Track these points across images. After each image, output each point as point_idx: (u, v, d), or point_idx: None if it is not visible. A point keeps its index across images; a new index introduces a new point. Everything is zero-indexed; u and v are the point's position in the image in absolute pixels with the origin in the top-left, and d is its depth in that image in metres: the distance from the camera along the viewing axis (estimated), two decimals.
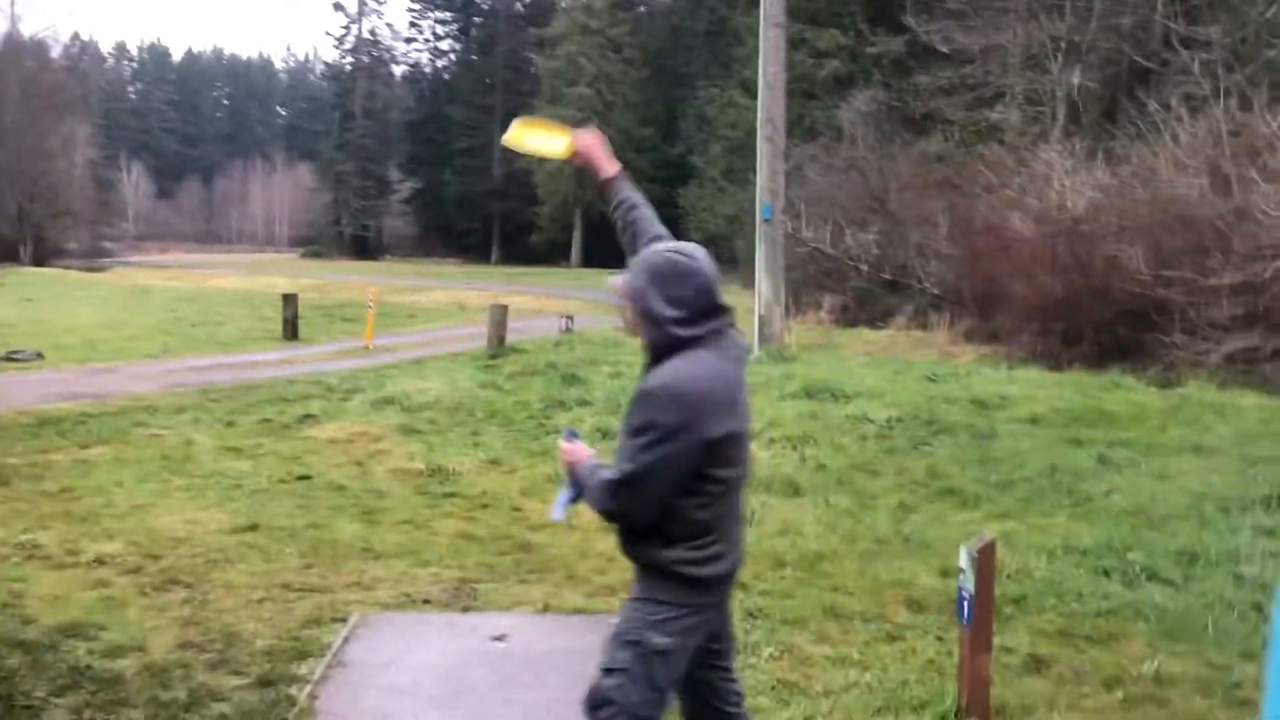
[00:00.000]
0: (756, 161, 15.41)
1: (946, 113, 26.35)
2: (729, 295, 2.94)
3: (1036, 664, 4.82)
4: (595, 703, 2.88)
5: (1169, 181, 15.79)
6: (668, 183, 55.78)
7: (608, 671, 2.87)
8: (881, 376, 12.21)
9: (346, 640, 4.93)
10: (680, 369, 2.77)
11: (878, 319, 22.57)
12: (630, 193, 3.21)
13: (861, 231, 22.96)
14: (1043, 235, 16.96)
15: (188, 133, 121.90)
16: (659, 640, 2.82)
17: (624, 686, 2.83)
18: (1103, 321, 15.61)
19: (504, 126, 3.35)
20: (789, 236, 20.50)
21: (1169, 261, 14.88)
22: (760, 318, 14.94)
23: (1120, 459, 8.33)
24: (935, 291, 21.24)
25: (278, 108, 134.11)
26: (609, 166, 3.23)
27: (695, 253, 2.87)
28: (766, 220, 14.89)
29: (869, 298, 23.59)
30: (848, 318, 23.25)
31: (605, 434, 9.82)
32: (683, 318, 2.79)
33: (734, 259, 42.30)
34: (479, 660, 4.74)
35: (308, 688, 4.40)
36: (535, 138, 3.34)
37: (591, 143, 3.26)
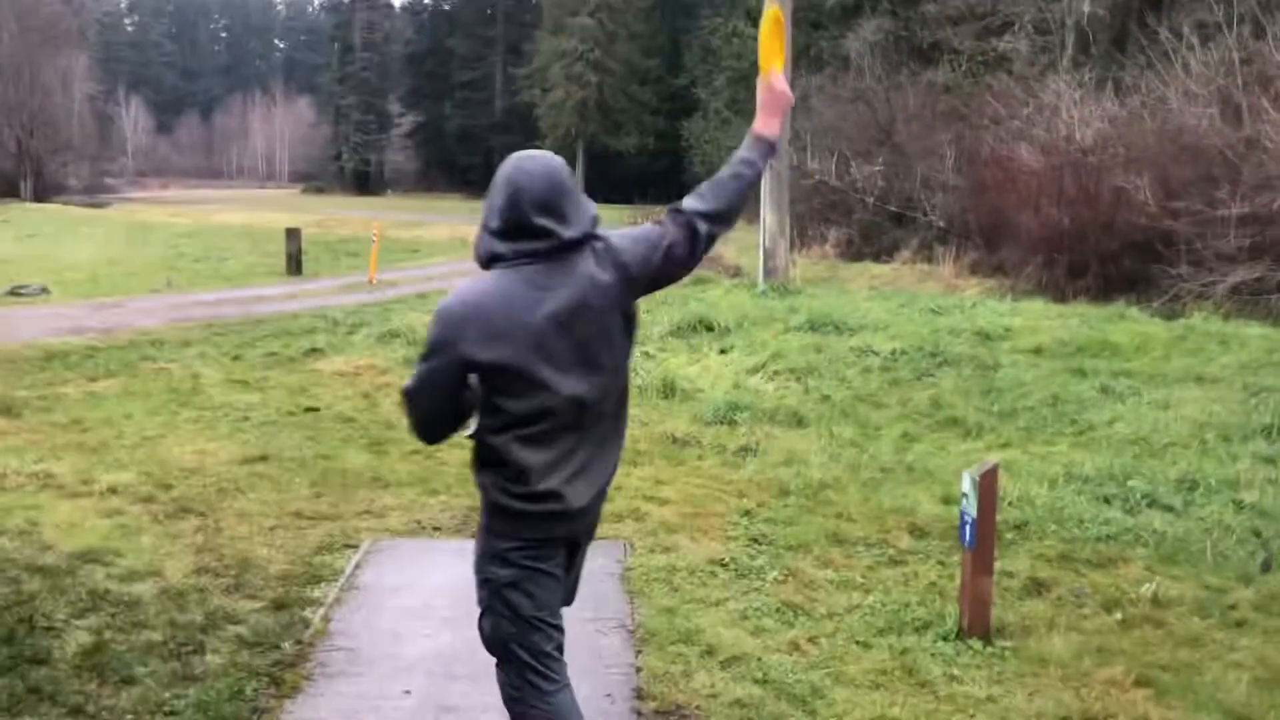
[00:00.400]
0: None
1: (954, 42, 25.98)
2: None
3: (1037, 587, 4.90)
4: (488, 648, 2.84)
5: (1178, 111, 15.63)
6: (672, 115, 55.37)
7: (480, 614, 2.81)
8: (886, 309, 12.21)
9: (359, 565, 5.02)
10: (465, 287, 2.64)
11: (883, 253, 22.49)
12: (748, 153, 2.82)
13: (867, 163, 22.80)
14: (1050, 167, 16.83)
15: (186, 66, 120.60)
16: (503, 573, 2.70)
17: (497, 624, 2.75)
18: (1108, 253, 15.56)
19: (505, 59, 3.24)
20: (794, 169, 20.36)
21: (1176, 193, 14.79)
22: (765, 251, 14.89)
23: (1123, 389, 8.36)
24: (941, 224, 21.14)
25: (276, 40, 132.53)
26: (768, 125, 2.87)
27: (527, 163, 2.62)
28: None
29: (874, 231, 23.48)
30: (853, 251, 23.18)
31: None
32: (495, 229, 2.61)
33: None
34: None
35: (322, 610, 4.49)
36: (771, 45, 3.01)
37: (782, 95, 2.92)
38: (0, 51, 55.89)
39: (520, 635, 2.73)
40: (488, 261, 2.64)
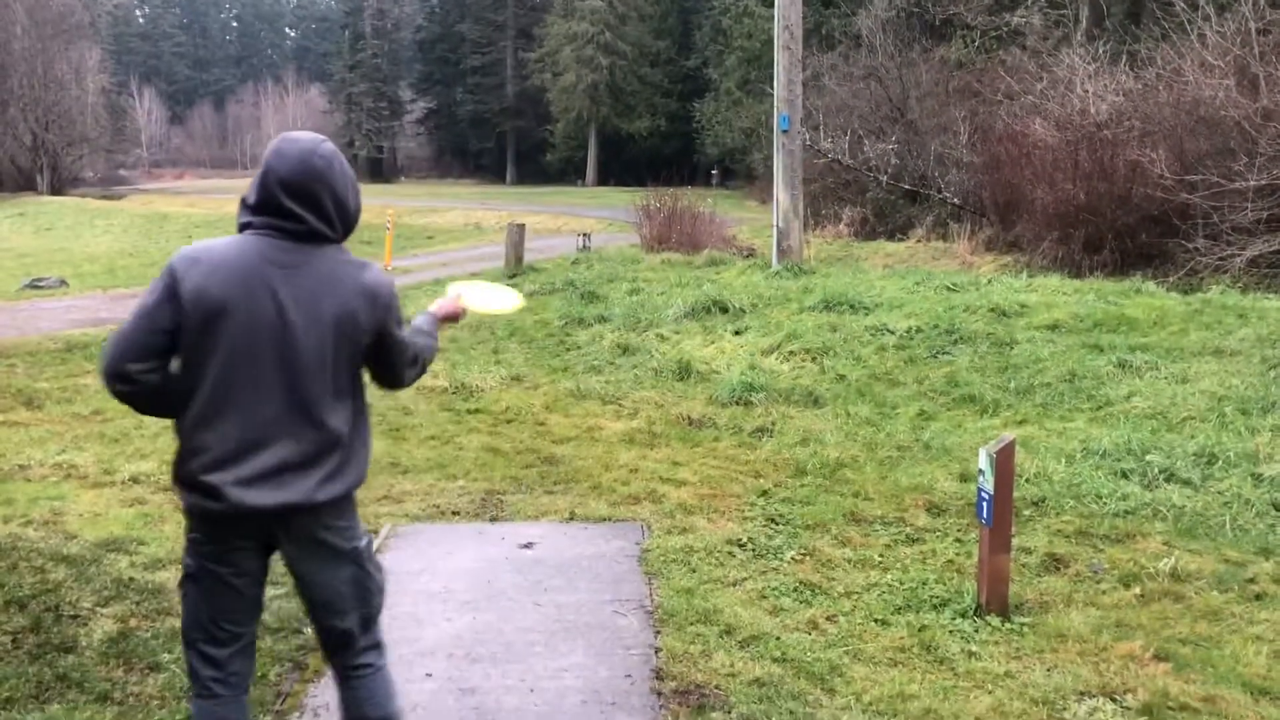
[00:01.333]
0: (773, 72, 15.16)
1: (967, 18, 25.75)
2: (743, 210, 2.89)
3: (1054, 563, 4.91)
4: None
5: (1194, 83, 15.44)
6: (683, 96, 55.20)
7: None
8: (901, 288, 12.17)
9: (378, 550, 5.05)
10: (208, 240, 2.65)
11: (897, 231, 22.37)
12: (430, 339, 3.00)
13: (880, 141, 22.65)
14: (1064, 141, 16.67)
15: (198, 56, 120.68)
16: (187, 560, 2.67)
17: (183, 607, 2.72)
18: (1124, 228, 15.42)
19: (516, 43, 3.32)
20: (807, 148, 20.27)
21: (1193, 165, 14.64)
22: (778, 231, 14.83)
23: (1140, 363, 8.32)
24: (955, 201, 21.01)
25: (287, 29, 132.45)
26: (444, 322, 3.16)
27: (284, 145, 2.65)
28: (784, 131, 14.69)
29: (888, 209, 23.36)
30: (867, 230, 23.06)
31: (625, 350, 9.89)
32: (248, 202, 2.65)
33: (750, 173, 41.99)
34: (508, 566, 4.86)
35: None
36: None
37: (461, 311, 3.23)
38: (13, 46, 56.14)
39: (190, 629, 2.73)
40: (240, 229, 2.66)
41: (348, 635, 2.79)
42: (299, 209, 2.59)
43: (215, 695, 2.68)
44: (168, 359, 2.57)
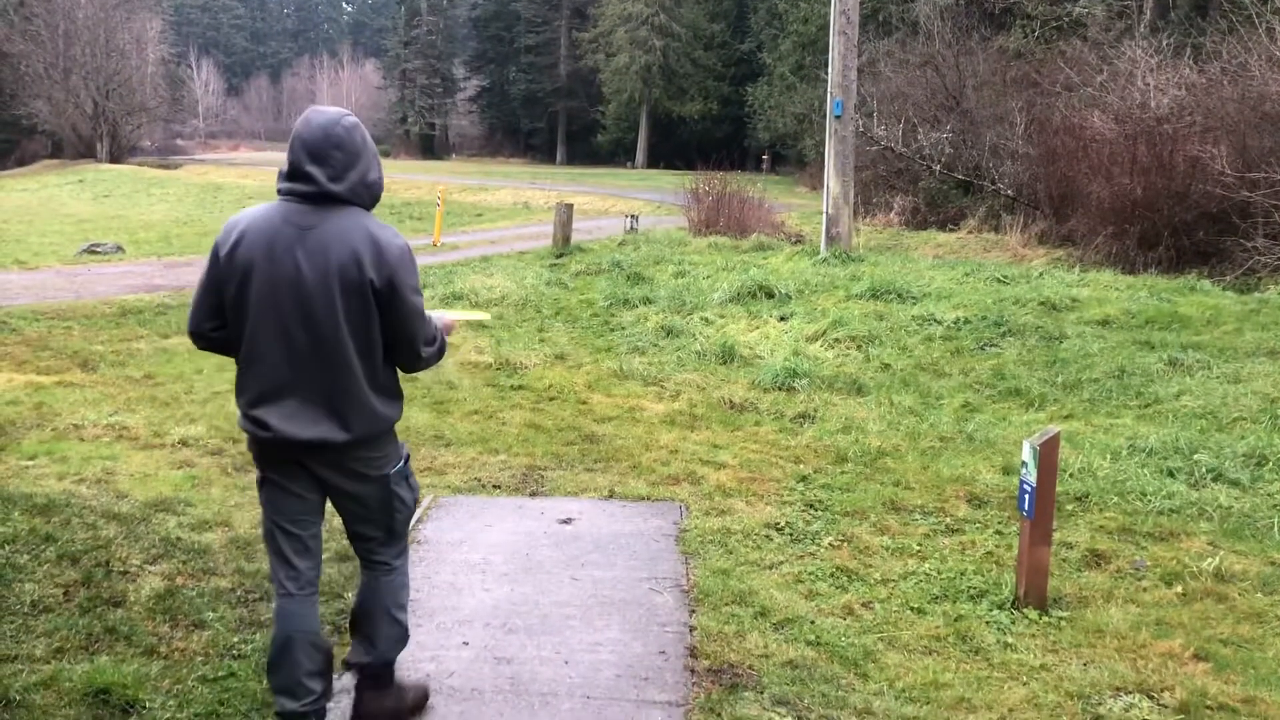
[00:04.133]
0: (828, 57, 15.03)
1: (1027, 7, 25.36)
2: (793, 196, 2.91)
3: (1096, 558, 4.86)
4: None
5: (1260, 79, 15.10)
6: (736, 80, 54.84)
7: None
8: (950, 278, 12.07)
9: (420, 520, 5.12)
10: (246, 209, 3.03)
11: (949, 221, 22.14)
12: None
13: (935, 130, 22.38)
14: (1123, 135, 16.38)
15: (256, 29, 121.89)
16: (257, 470, 3.10)
17: (261, 510, 3.12)
18: (1181, 224, 15.14)
19: (570, 23, 3.35)
20: (860, 135, 20.09)
21: (1255, 163, 14.33)
22: (828, 218, 14.74)
23: (1191, 362, 8.19)
24: (1009, 193, 20.73)
25: (344, 4, 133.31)
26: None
27: (311, 117, 2.94)
28: (837, 117, 14.58)
29: (940, 199, 23.11)
30: (918, 220, 22.84)
31: (669, 332, 9.90)
32: (282, 171, 2.97)
33: (801, 159, 41.69)
34: (547, 540, 4.91)
35: None
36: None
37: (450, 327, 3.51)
38: (77, 15, 57.03)
39: (264, 527, 3.15)
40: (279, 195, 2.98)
41: (371, 540, 3.20)
42: (316, 171, 2.87)
43: (289, 593, 3.06)
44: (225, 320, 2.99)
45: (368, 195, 2.96)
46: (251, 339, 2.91)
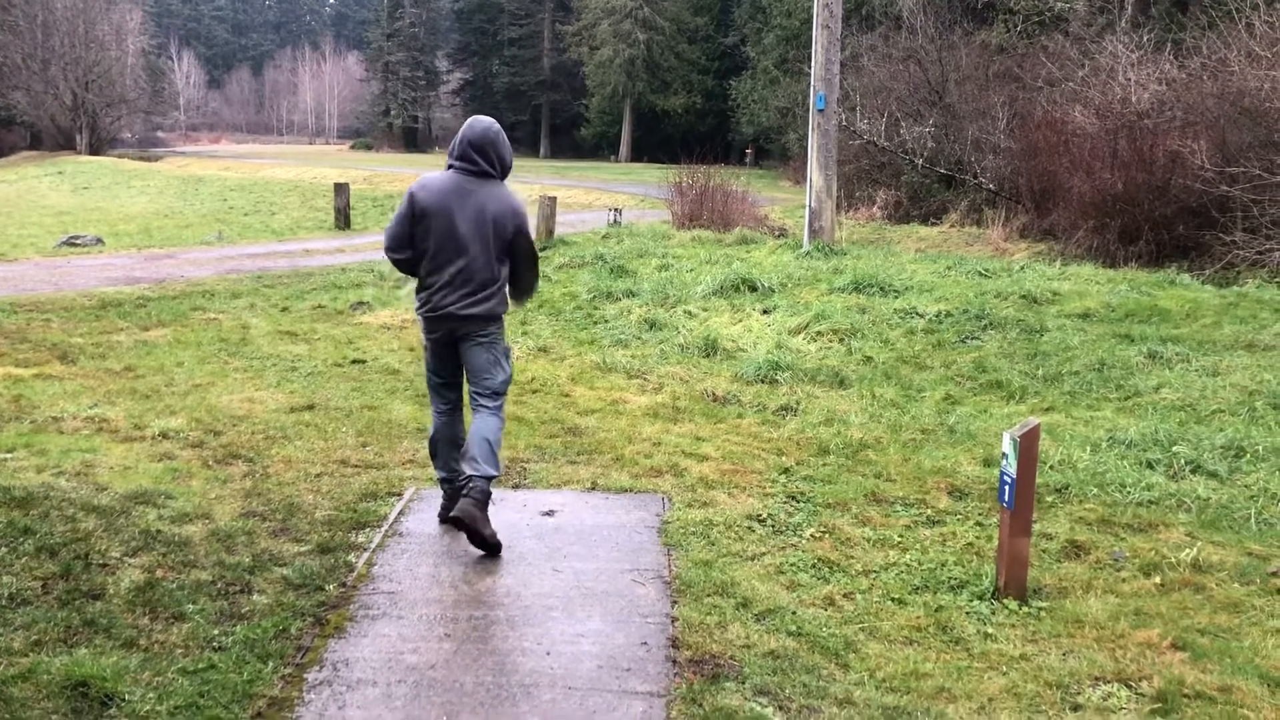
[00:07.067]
0: (812, 51, 15.04)
1: (1010, 2, 25.44)
2: (776, 190, 2.93)
3: (1075, 549, 4.89)
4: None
5: (1240, 74, 15.19)
6: (720, 74, 54.90)
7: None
8: (932, 272, 12.11)
9: (402, 512, 5.11)
10: (429, 173, 4.82)
11: (931, 215, 22.21)
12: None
13: (917, 124, 22.44)
14: (1104, 130, 16.47)
15: (237, 21, 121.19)
16: (422, 336, 4.87)
17: (425, 364, 4.94)
18: (1161, 219, 15.23)
19: (553, 15, 3.40)
20: (843, 129, 20.14)
21: (1234, 157, 14.43)
22: (810, 211, 14.76)
23: (1171, 355, 8.25)
24: (991, 187, 20.81)
25: None
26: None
27: (475, 122, 4.78)
28: (820, 110, 14.59)
29: (923, 193, 23.17)
30: (900, 214, 22.90)
31: (652, 325, 9.90)
32: (451, 151, 4.75)
33: (785, 153, 41.74)
34: (529, 532, 4.91)
35: (365, 554, 4.59)
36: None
37: None
38: (57, 6, 56.57)
39: (427, 371, 4.97)
40: (447, 168, 4.78)
41: (484, 389, 4.74)
42: (477, 157, 4.68)
43: (442, 413, 4.90)
44: (415, 245, 4.70)
45: (503, 172, 4.75)
46: (433, 257, 4.63)
